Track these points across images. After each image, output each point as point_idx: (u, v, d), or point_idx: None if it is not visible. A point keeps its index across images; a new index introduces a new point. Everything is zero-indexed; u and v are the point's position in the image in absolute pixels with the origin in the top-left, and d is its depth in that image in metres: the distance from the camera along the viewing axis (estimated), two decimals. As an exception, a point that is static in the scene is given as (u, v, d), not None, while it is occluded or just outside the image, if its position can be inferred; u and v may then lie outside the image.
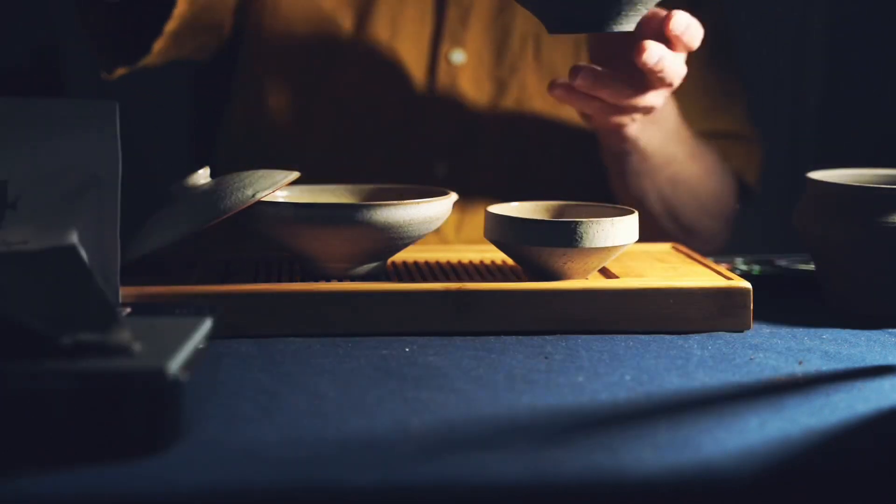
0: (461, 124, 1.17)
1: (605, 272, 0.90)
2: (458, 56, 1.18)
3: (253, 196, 0.84)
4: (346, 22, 1.17)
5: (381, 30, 1.17)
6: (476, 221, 1.17)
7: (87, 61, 1.32)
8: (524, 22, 1.18)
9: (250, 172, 0.87)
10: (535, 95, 1.19)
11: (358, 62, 1.17)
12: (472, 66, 1.18)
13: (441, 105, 1.18)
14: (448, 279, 0.89)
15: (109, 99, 0.78)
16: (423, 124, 1.17)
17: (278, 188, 0.86)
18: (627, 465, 0.59)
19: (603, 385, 0.72)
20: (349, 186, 0.97)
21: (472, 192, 1.13)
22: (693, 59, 1.22)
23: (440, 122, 1.17)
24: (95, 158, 0.77)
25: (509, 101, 1.18)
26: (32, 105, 0.78)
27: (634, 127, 1.03)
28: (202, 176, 0.88)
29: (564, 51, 1.19)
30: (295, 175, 0.88)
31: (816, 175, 0.92)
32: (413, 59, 1.18)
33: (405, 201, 0.86)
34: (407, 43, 1.18)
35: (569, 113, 1.18)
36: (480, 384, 0.72)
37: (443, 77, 1.17)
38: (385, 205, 0.85)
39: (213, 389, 0.69)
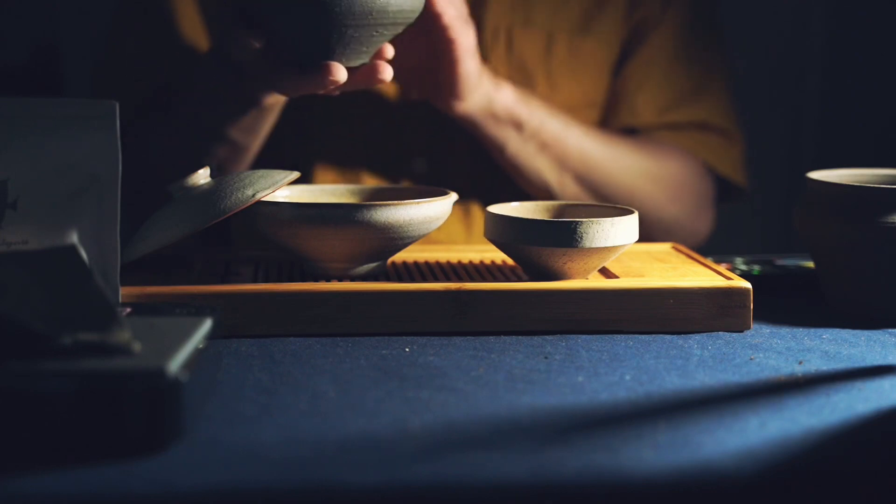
0: (438, 119, 1.18)
1: (605, 272, 0.90)
2: None
3: (253, 196, 0.84)
4: None
5: None
6: (456, 216, 1.18)
7: (87, 61, 1.32)
8: (496, 15, 1.19)
9: (250, 172, 0.87)
10: None
11: None
12: None
13: (419, 102, 1.18)
14: (448, 279, 0.89)
15: (109, 99, 0.78)
16: (401, 121, 1.18)
17: (278, 188, 0.86)
18: (627, 465, 0.59)
19: (603, 385, 0.72)
20: (349, 186, 0.97)
21: (452, 188, 1.14)
22: (657, 50, 1.22)
23: (418, 117, 1.17)
24: (95, 158, 0.77)
25: None
26: (32, 105, 0.78)
27: (505, 96, 1.05)
28: (202, 176, 0.88)
29: (535, 43, 1.20)
30: (295, 175, 0.88)
31: (816, 175, 0.92)
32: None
33: (405, 201, 0.86)
34: None
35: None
36: (480, 384, 0.72)
37: None
38: (385, 205, 0.85)
39: (213, 389, 0.69)
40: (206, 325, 0.68)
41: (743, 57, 1.78)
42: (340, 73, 0.89)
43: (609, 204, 0.92)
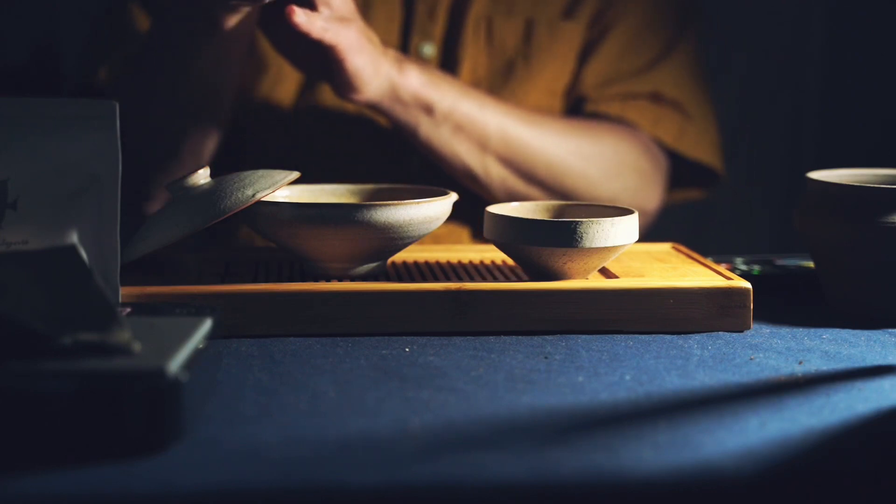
0: None
1: (605, 272, 0.90)
2: (428, 49, 1.19)
3: (253, 196, 0.84)
4: None
5: None
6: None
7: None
8: (479, 6, 1.20)
9: (250, 172, 0.87)
10: (485, 77, 1.20)
11: None
12: (438, 57, 1.21)
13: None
14: (448, 279, 0.89)
15: (109, 99, 0.78)
16: None
17: (278, 188, 0.86)
18: (627, 465, 0.59)
19: (603, 385, 0.72)
20: (349, 186, 0.97)
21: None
22: (617, 19, 1.23)
23: None
24: (95, 158, 0.77)
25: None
26: (32, 105, 0.78)
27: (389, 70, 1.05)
28: (202, 176, 0.88)
29: (515, 31, 1.20)
30: (295, 175, 0.88)
31: (816, 175, 0.92)
32: None
33: (405, 201, 0.86)
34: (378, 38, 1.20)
35: (524, 95, 1.20)
36: (480, 384, 0.72)
37: None
38: (385, 205, 0.85)
39: (213, 389, 0.69)
40: (206, 325, 0.68)
41: (743, 57, 1.79)
42: None
43: (609, 204, 0.91)
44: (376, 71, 1.02)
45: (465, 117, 1.10)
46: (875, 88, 1.72)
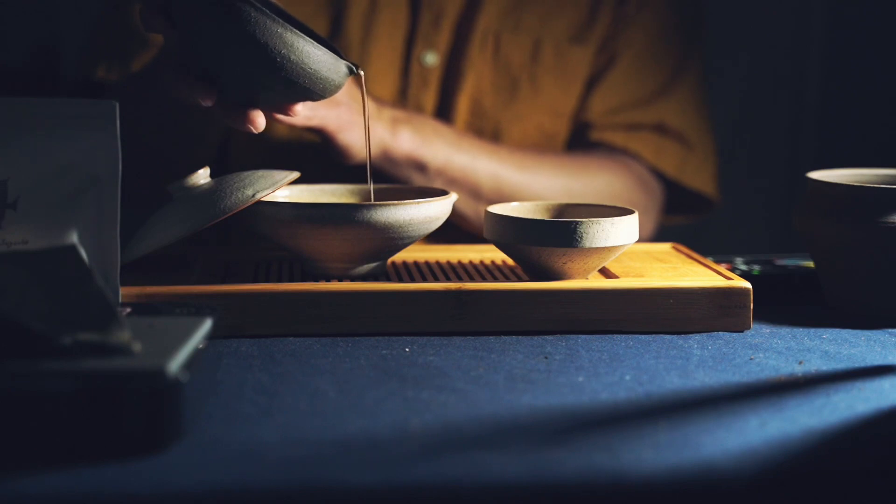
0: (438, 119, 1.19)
1: (605, 272, 0.90)
2: (430, 58, 1.20)
3: (253, 196, 0.84)
4: (321, 28, 1.18)
5: (353, 34, 1.19)
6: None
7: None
8: (487, 20, 1.21)
9: (250, 172, 0.87)
10: (489, 92, 1.21)
11: None
12: (443, 67, 1.21)
13: (415, 105, 1.19)
14: (448, 279, 0.89)
15: (109, 99, 0.78)
16: None
17: (278, 188, 0.86)
18: (627, 465, 0.59)
19: (603, 385, 0.72)
20: (349, 186, 0.97)
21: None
22: (623, 49, 1.24)
23: None
24: (95, 158, 0.77)
25: (465, 98, 1.20)
26: (32, 105, 0.78)
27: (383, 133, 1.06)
28: (202, 176, 0.88)
29: (522, 49, 1.22)
30: (295, 175, 0.88)
31: (816, 175, 0.92)
32: (387, 62, 1.20)
33: (405, 201, 0.86)
34: (381, 46, 1.20)
35: (526, 110, 1.20)
36: (480, 384, 0.72)
37: (415, 79, 1.19)
38: (385, 205, 0.85)
39: (213, 389, 0.69)
40: (206, 325, 0.68)
41: (743, 57, 1.79)
42: (208, 99, 0.84)
43: (609, 205, 0.92)
44: (365, 142, 1.03)
45: (458, 171, 1.12)
46: (875, 88, 1.72)
